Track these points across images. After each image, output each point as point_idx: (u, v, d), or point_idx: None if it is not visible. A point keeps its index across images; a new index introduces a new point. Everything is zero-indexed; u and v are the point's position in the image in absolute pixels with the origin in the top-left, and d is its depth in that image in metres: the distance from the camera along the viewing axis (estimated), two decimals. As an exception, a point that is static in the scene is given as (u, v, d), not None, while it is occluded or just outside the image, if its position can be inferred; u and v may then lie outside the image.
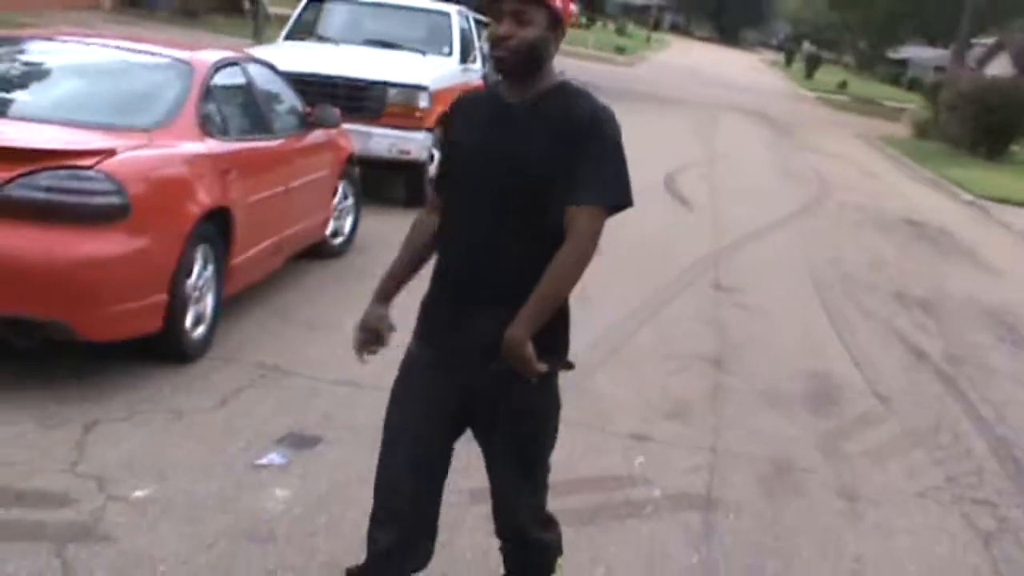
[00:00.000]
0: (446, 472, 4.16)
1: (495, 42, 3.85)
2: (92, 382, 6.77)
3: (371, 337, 4.25)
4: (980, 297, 13.54)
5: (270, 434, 6.40)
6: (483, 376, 3.91)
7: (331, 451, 6.24)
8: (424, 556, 4.12)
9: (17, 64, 8.36)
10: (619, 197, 3.89)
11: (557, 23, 3.87)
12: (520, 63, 3.85)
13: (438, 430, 4.09)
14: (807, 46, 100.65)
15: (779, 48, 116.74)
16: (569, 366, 4.06)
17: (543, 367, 3.79)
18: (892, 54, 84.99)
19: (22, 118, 7.27)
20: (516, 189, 3.85)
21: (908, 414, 8.62)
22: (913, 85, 75.38)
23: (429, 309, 4.15)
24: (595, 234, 3.83)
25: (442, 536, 4.19)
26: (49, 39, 8.96)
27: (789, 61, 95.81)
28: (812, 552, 6.02)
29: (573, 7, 4.06)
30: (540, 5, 3.81)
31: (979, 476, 7.57)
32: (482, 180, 3.90)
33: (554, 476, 4.28)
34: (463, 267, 3.96)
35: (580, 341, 8.52)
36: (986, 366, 10.41)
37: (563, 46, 4.01)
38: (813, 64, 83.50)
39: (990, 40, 63.64)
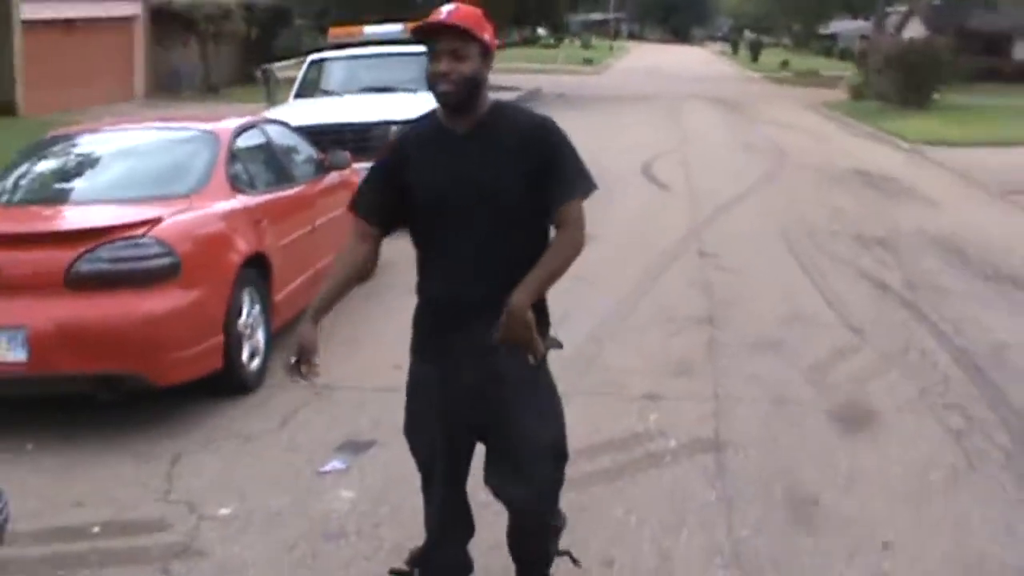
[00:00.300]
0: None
1: (435, 79, 3.78)
2: (171, 420, 6.78)
3: (305, 359, 4.06)
4: (927, 229, 13.48)
5: (329, 444, 6.40)
6: (487, 368, 3.84)
7: (384, 452, 6.22)
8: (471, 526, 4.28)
9: (72, 156, 8.45)
10: (589, 185, 3.93)
11: (487, 54, 3.84)
12: (462, 96, 3.78)
13: (462, 445, 4.08)
14: (748, 34, 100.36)
15: (724, 39, 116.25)
16: (559, 344, 4.02)
17: (538, 345, 3.77)
18: (823, 30, 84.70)
19: (81, 202, 7.45)
20: (496, 209, 3.81)
21: (879, 340, 8.59)
22: (844, 55, 75.04)
23: (427, 329, 4.03)
24: (582, 222, 3.86)
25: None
26: (95, 131, 9.08)
27: (735, 49, 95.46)
28: (812, 472, 6.01)
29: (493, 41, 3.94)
30: (472, 40, 3.77)
31: (946, 384, 7.55)
32: (462, 209, 3.83)
33: (579, 442, 4.29)
34: (461, 288, 3.88)
35: (589, 319, 8.58)
36: (940, 288, 10.36)
37: (538, 64, 4.02)
38: (756, 49, 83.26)
39: (903, 8, 63.50)
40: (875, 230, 13.37)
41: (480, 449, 4.10)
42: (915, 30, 51.84)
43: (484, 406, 3.93)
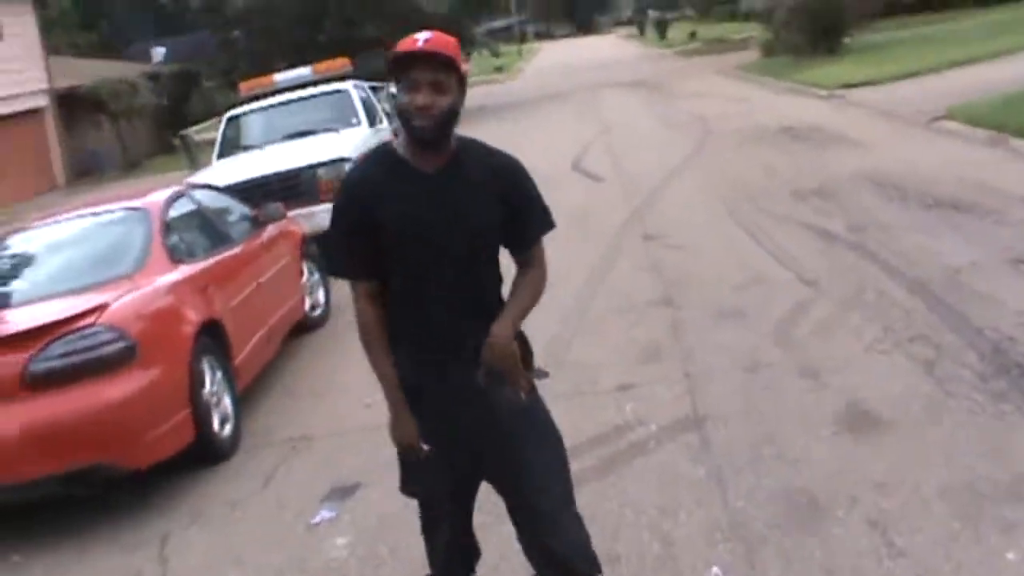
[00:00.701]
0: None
1: (413, 113, 3.54)
2: (154, 501, 6.73)
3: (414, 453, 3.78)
4: (860, 171, 13.56)
5: (315, 495, 6.36)
6: (480, 407, 3.68)
7: (371, 492, 6.20)
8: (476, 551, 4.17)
9: (7, 258, 8.33)
10: (551, 223, 3.89)
11: (463, 85, 3.65)
12: (441, 130, 3.59)
13: (466, 487, 3.96)
14: (652, 13, 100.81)
15: (630, 23, 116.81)
16: (545, 374, 3.89)
17: (526, 378, 3.70)
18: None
19: (24, 302, 7.25)
20: (475, 247, 3.69)
21: (835, 288, 8.65)
22: (749, 16, 75.50)
23: (412, 375, 3.75)
24: (545, 257, 3.90)
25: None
26: (25, 228, 8.96)
27: (642, 31, 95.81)
28: (795, 430, 6.04)
29: (467, 66, 3.82)
30: (453, 70, 3.57)
31: (908, 318, 7.62)
32: (439, 253, 3.64)
33: (565, 443, 4.25)
34: (447, 330, 3.71)
35: (551, 321, 8.58)
36: (884, 225, 10.44)
37: None
38: (662, 26, 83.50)
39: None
40: (810, 182, 13.45)
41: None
42: (813, -22, 52.19)
43: (483, 444, 3.78)
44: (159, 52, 56.05)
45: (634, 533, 5.16)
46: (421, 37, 3.57)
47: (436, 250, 3.65)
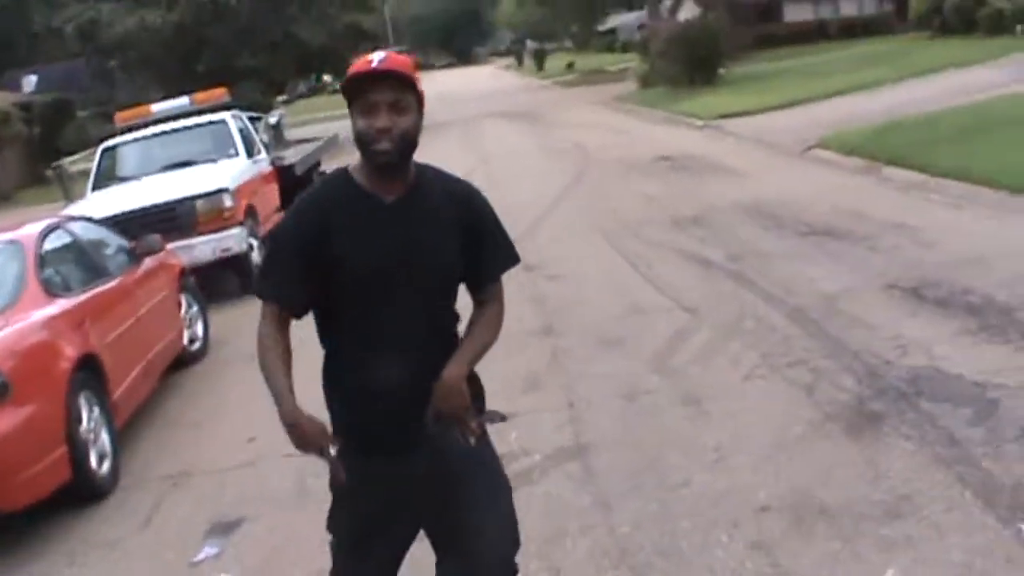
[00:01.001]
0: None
1: (373, 137, 3.34)
2: (28, 542, 6.54)
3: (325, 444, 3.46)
4: (737, 200, 13.81)
5: (197, 531, 6.25)
6: (430, 451, 3.50)
7: (254, 525, 6.12)
8: None
9: None
10: (515, 257, 3.73)
11: (422, 106, 3.45)
12: (403, 154, 3.39)
13: (404, 534, 3.73)
14: (530, 43, 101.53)
15: (508, 53, 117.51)
16: (502, 418, 3.73)
17: (476, 422, 3.55)
18: (601, 27, 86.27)
19: None
20: (437, 282, 3.54)
21: (714, 316, 8.78)
22: (626, 47, 76.57)
23: (357, 420, 3.56)
24: (503, 298, 3.73)
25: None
26: None
27: (520, 61, 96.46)
28: (678, 457, 6.10)
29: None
30: (412, 90, 3.39)
31: (786, 344, 7.76)
32: (402, 285, 3.43)
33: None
34: (399, 370, 3.46)
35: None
36: (761, 253, 10.64)
37: (328, 112, 3.84)
38: (540, 57, 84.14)
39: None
40: (688, 210, 13.65)
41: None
42: (689, 10, 53.28)
43: (431, 490, 3.58)
44: (31, 80, 54.94)
45: (523, 561, 5.10)
46: (376, 57, 3.38)
47: (392, 286, 3.44)
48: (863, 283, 8.97)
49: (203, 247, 12.63)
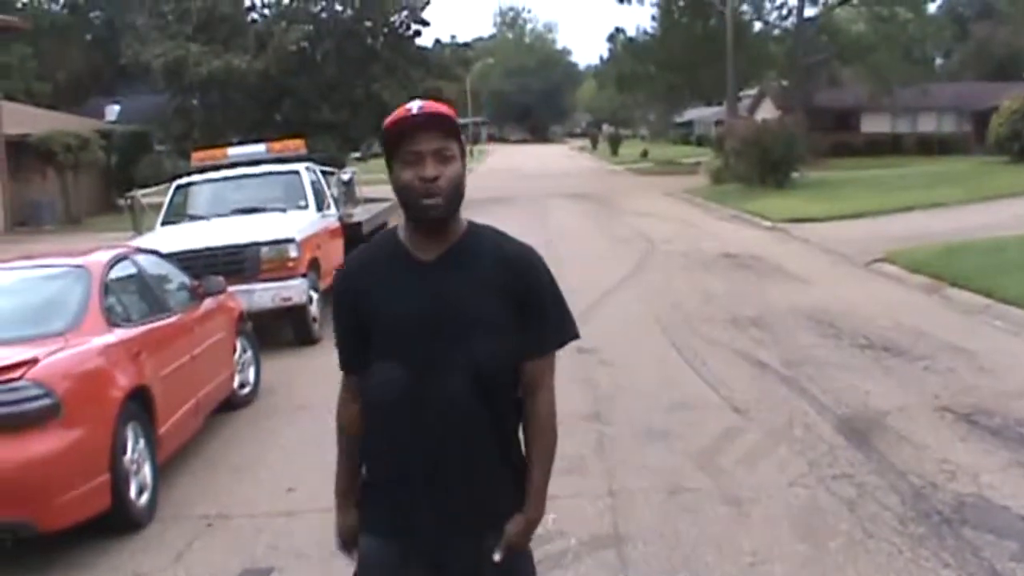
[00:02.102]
0: None
1: (418, 189, 3.13)
2: (61, 565, 6.59)
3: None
4: (798, 305, 13.80)
5: (227, 575, 6.27)
6: (460, 557, 3.26)
7: (284, 576, 6.15)
8: None
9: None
10: (570, 332, 3.39)
11: (464, 155, 3.25)
12: (450, 207, 3.17)
13: None
14: (607, 128, 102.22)
15: (583, 135, 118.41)
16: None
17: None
18: (678, 119, 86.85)
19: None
20: (475, 354, 3.18)
21: (764, 419, 8.74)
22: (701, 141, 77.18)
23: (382, 497, 3.35)
24: (553, 379, 3.36)
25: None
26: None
27: (595, 144, 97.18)
28: (714, 557, 6.07)
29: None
30: (456, 138, 3.19)
31: (833, 455, 7.71)
32: (434, 352, 3.17)
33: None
34: (428, 446, 3.21)
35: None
36: (817, 361, 10.60)
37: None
38: (615, 142, 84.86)
39: (753, 91, 65.59)
40: (748, 310, 13.65)
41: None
42: (767, 111, 53.60)
43: None
44: (113, 110, 56.07)
45: (545, 645, 5.14)
46: (414, 105, 3.19)
47: (427, 353, 3.19)
48: (916, 402, 8.91)
49: (264, 294, 12.76)
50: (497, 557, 3.23)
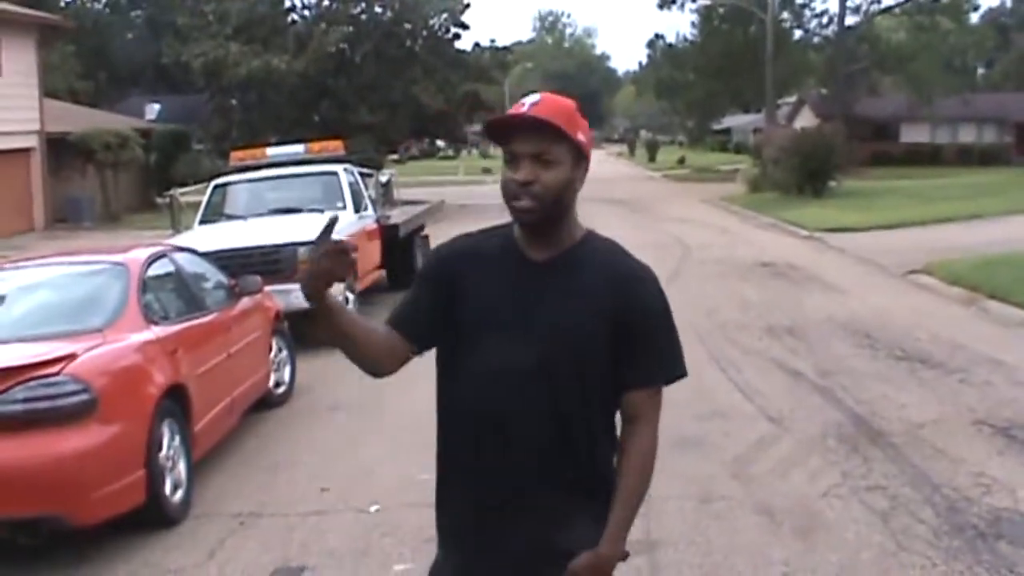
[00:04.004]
0: None
1: (512, 191, 2.99)
2: (95, 560, 6.64)
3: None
4: (834, 315, 13.75)
5: (260, 573, 6.31)
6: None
7: None
8: None
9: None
10: (677, 369, 3.15)
11: (581, 158, 3.02)
12: (545, 213, 2.98)
13: None
14: (644, 134, 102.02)
15: (621, 140, 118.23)
16: (625, 556, 3.13)
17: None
18: (716, 126, 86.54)
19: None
20: (568, 363, 2.98)
21: (798, 428, 8.71)
22: (739, 148, 76.97)
23: (448, 506, 3.18)
24: (658, 417, 3.12)
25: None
26: (2, 268, 8.91)
27: (632, 150, 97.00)
28: (745, 566, 6.06)
29: (584, 136, 3.08)
30: (562, 140, 2.96)
31: (867, 466, 7.68)
32: (518, 352, 2.99)
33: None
34: (495, 452, 3.03)
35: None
36: (852, 372, 10.56)
37: (439, 176, 3.48)
38: (653, 148, 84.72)
39: (792, 99, 65.36)
40: (783, 319, 13.61)
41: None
42: (806, 119, 53.43)
43: None
44: (153, 108, 56.54)
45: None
46: (528, 101, 3.02)
47: (511, 352, 3.01)
48: (952, 415, 8.86)
49: (300, 294, 12.73)
50: None
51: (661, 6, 57.42)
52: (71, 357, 6.58)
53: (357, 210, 15.52)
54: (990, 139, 59.52)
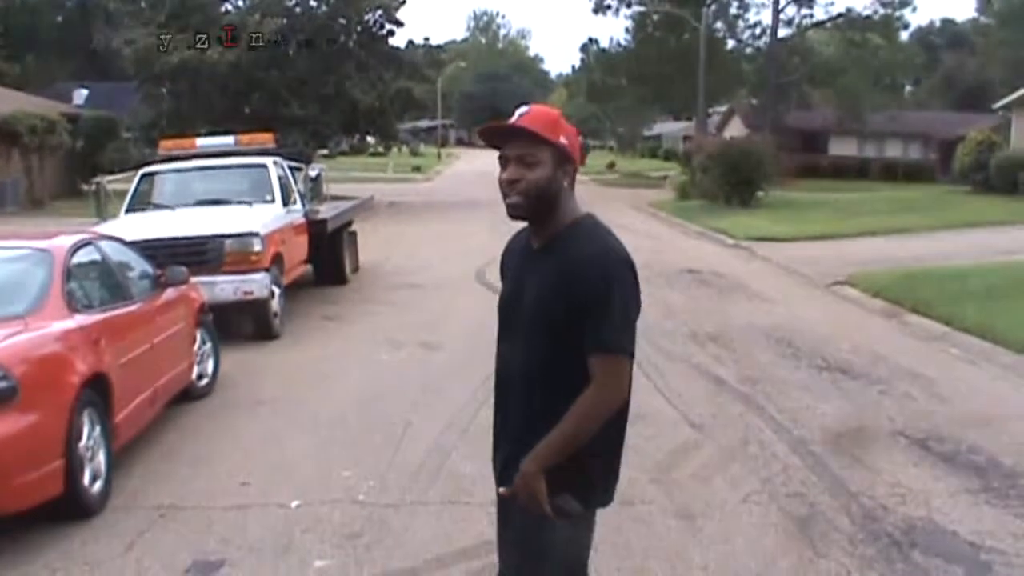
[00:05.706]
0: None
1: (503, 190, 3.58)
2: (9, 549, 6.54)
3: None
4: (758, 323, 13.90)
5: (177, 567, 6.24)
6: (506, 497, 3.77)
7: (235, 571, 6.13)
8: None
9: None
10: (606, 344, 3.52)
11: (564, 159, 3.60)
12: (532, 207, 3.56)
13: None
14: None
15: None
16: (576, 509, 3.77)
17: (548, 507, 3.59)
18: (647, 132, 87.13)
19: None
20: (538, 332, 3.57)
21: (719, 435, 8.80)
22: (669, 155, 77.41)
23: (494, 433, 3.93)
24: (618, 380, 3.55)
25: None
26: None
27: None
28: (665, 570, 6.11)
29: (567, 140, 3.66)
30: (543, 144, 3.53)
31: (786, 474, 7.77)
32: (512, 324, 3.70)
33: (433, 551, 4.27)
34: (502, 398, 3.80)
35: (432, 428, 8.59)
36: (775, 380, 10.67)
37: (368, 173, 3.93)
38: (583, 152, 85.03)
39: (723, 108, 65.96)
40: (708, 326, 13.72)
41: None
42: (736, 129, 53.97)
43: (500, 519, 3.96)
44: (81, 94, 55.67)
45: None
46: (519, 112, 3.62)
47: (509, 323, 3.76)
48: (871, 426, 9.00)
49: (226, 286, 12.71)
50: (502, 491, 3.76)
51: (596, 11, 57.71)
52: (-10, 344, 6.48)
53: (286, 204, 15.41)
54: (915, 156, 60.46)
